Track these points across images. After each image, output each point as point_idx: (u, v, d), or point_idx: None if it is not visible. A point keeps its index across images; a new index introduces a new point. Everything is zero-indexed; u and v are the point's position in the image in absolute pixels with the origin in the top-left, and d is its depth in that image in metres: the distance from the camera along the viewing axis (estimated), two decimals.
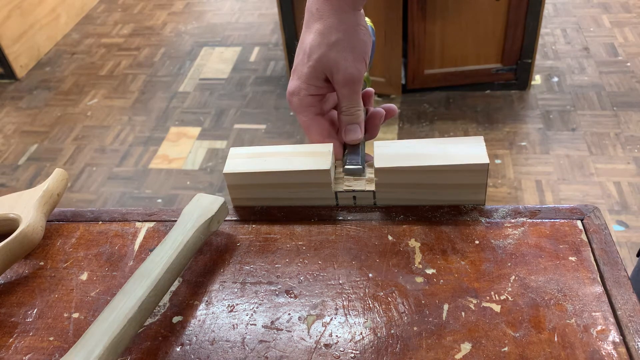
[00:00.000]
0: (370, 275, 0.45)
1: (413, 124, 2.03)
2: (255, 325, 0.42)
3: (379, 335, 0.41)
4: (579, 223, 0.47)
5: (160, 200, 1.84)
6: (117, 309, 0.39)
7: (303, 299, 0.44)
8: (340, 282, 0.45)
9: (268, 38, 2.64)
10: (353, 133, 0.52)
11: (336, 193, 0.51)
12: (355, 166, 0.51)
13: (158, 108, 2.26)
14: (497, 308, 0.41)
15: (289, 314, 0.43)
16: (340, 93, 0.51)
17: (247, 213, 0.52)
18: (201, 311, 0.44)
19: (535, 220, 0.48)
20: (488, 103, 2.09)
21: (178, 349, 0.41)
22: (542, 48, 2.32)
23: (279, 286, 0.45)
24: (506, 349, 0.39)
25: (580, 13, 2.55)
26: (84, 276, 0.48)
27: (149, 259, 0.43)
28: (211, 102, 2.26)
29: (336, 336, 0.41)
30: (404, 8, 1.92)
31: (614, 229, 1.58)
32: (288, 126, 2.09)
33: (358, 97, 0.51)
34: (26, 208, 0.49)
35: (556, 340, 0.39)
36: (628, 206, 1.65)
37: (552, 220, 0.48)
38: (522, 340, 0.39)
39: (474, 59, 2.07)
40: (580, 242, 0.46)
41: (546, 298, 0.42)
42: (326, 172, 0.49)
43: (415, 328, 0.41)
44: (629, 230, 1.58)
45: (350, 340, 0.41)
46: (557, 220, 0.48)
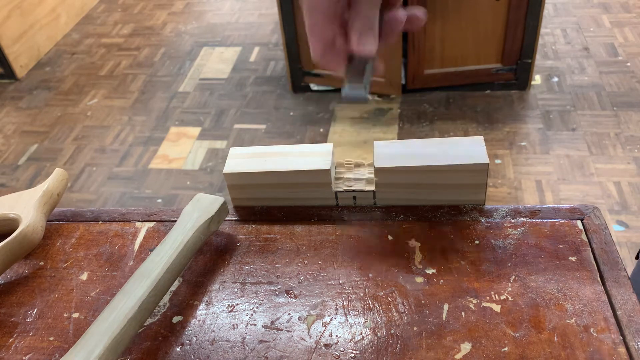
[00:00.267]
0: (370, 275, 0.45)
1: (413, 124, 2.03)
2: (255, 325, 0.42)
3: (379, 335, 0.41)
4: (579, 223, 0.47)
5: (160, 200, 1.84)
6: (117, 309, 0.39)
7: (303, 299, 0.44)
8: (340, 282, 0.45)
9: (268, 38, 2.64)
10: (367, 42, 0.41)
11: (336, 193, 0.51)
12: (357, 92, 0.42)
13: (158, 108, 2.26)
14: (497, 308, 0.41)
15: (289, 314, 0.43)
16: None
17: (247, 213, 0.52)
18: (201, 311, 0.44)
19: (535, 220, 0.48)
20: (488, 103, 2.09)
21: (178, 349, 0.41)
22: (542, 48, 2.32)
23: (279, 286, 0.45)
24: (506, 349, 0.39)
25: (580, 13, 2.55)
26: (84, 276, 0.48)
27: (149, 259, 0.43)
28: (211, 102, 2.26)
29: (336, 336, 0.41)
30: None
31: (614, 229, 1.58)
32: (288, 126, 2.09)
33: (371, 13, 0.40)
34: (26, 208, 0.49)
35: (556, 340, 0.39)
36: (628, 206, 1.65)
37: (552, 220, 0.48)
38: (522, 340, 0.39)
39: (474, 59, 2.07)
40: (580, 242, 0.46)
41: (546, 298, 0.42)
42: (326, 172, 0.49)
43: (415, 328, 0.41)
44: (629, 230, 1.58)
45: (350, 340, 0.41)
46: (557, 220, 0.48)
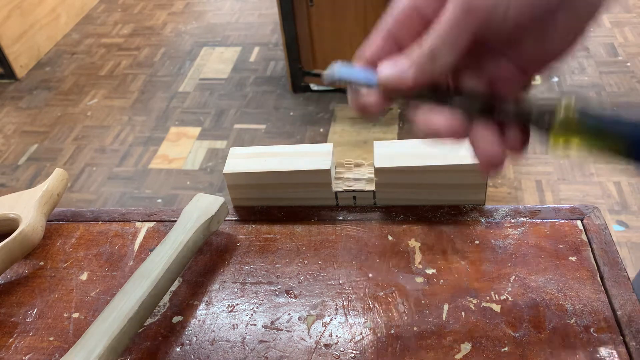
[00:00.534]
0: (370, 275, 0.45)
1: (413, 124, 2.03)
2: (255, 325, 0.42)
3: (379, 335, 0.41)
4: (579, 223, 0.47)
5: (160, 200, 1.84)
6: (117, 309, 0.39)
7: (303, 299, 0.44)
8: (340, 282, 0.45)
9: (268, 38, 2.64)
10: (386, 66, 0.33)
11: (336, 193, 0.51)
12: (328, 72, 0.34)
13: (158, 108, 2.26)
14: (497, 308, 0.41)
15: (289, 314, 0.43)
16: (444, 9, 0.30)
17: (247, 213, 0.52)
18: (201, 311, 0.44)
19: (535, 220, 0.48)
20: None
21: (178, 349, 0.41)
22: None
23: (279, 286, 0.45)
24: (506, 349, 0.39)
25: None
26: (84, 276, 0.48)
27: (149, 259, 0.43)
28: (211, 102, 2.26)
29: (336, 336, 0.41)
30: None
31: (614, 229, 1.58)
32: (288, 126, 2.09)
33: (452, 34, 0.30)
34: (26, 208, 0.49)
35: (556, 340, 0.39)
36: (628, 206, 1.65)
37: (552, 220, 0.48)
38: (522, 340, 0.39)
39: None
40: (580, 242, 0.46)
41: (546, 298, 0.42)
42: (326, 172, 0.49)
43: (415, 328, 0.41)
44: (629, 230, 1.58)
45: (350, 340, 0.41)
46: (557, 220, 0.48)
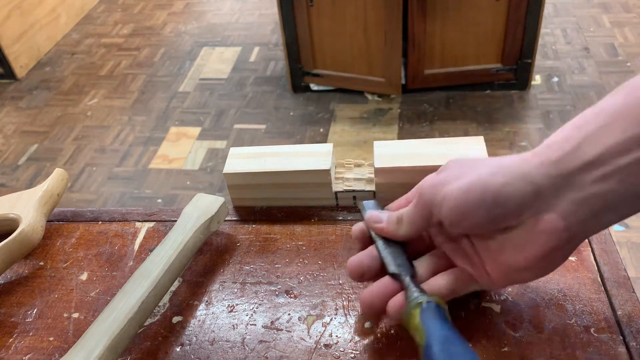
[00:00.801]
0: None
1: (413, 124, 2.03)
2: (255, 325, 0.42)
3: (379, 335, 0.41)
4: None
5: (160, 200, 1.84)
6: (117, 309, 0.39)
7: (303, 299, 0.44)
8: (340, 282, 0.45)
9: (268, 38, 2.64)
10: (374, 218, 0.41)
11: (336, 193, 0.51)
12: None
13: (158, 108, 2.26)
14: (497, 308, 0.41)
15: (289, 314, 0.43)
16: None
17: (247, 213, 0.52)
18: (201, 311, 0.44)
19: None
20: (488, 103, 2.09)
21: (178, 349, 0.41)
22: (542, 48, 2.32)
23: (279, 286, 0.45)
24: (506, 349, 0.39)
25: (580, 13, 2.55)
26: (84, 276, 0.48)
27: (149, 259, 0.43)
28: (211, 102, 2.26)
29: (336, 336, 0.41)
30: (404, 8, 1.92)
31: (614, 229, 1.58)
32: (288, 126, 2.09)
33: (411, 214, 0.39)
34: (26, 208, 0.49)
35: (556, 340, 0.39)
36: None
37: None
38: (522, 340, 0.39)
39: (474, 59, 2.07)
40: None
41: (546, 298, 0.42)
42: (326, 172, 0.49)
43: None
44: (629, 230, 1.58)
45: (350, 340, 0.41)
46: None
